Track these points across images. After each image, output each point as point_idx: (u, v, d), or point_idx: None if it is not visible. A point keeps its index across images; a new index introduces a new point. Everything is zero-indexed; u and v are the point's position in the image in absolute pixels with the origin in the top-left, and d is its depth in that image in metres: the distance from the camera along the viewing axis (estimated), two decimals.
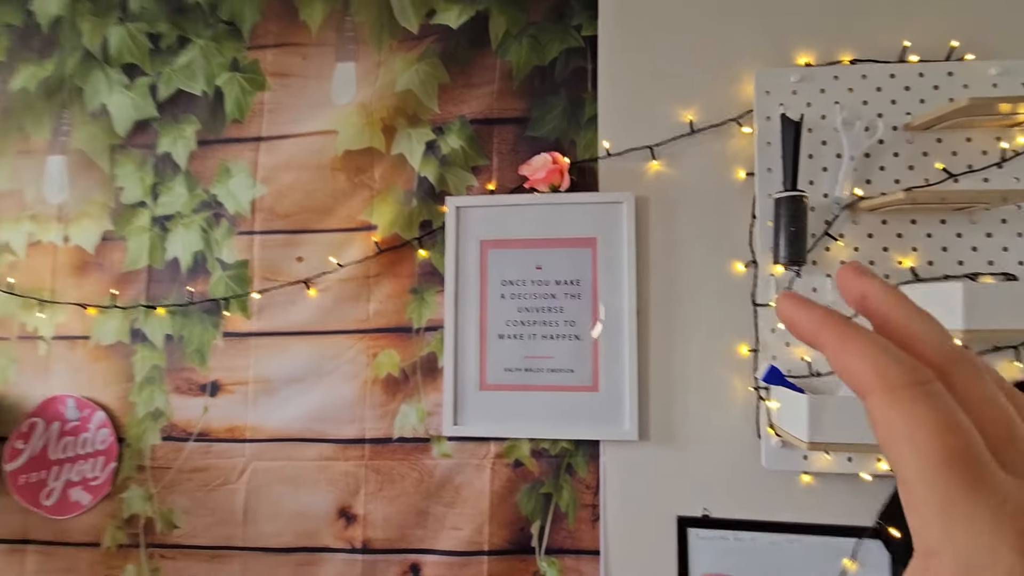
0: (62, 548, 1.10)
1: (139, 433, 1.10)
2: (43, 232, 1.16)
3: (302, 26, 1.13)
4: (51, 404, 1.13)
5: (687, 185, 1.02)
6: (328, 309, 1.07)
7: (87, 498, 1.10)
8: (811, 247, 0.94)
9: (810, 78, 0.97)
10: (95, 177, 1.16)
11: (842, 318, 0.17)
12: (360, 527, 1.03)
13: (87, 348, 1.13)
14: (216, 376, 1.09)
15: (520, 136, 1.06)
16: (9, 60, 1.21)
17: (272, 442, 1.07)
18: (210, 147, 1.13)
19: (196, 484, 1.08)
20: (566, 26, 1.07)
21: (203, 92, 1.14)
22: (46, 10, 1.20)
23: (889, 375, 0.16)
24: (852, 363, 0.16)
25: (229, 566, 1.05)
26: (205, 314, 1.11)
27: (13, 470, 1.12)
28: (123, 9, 1.17)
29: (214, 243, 1.11)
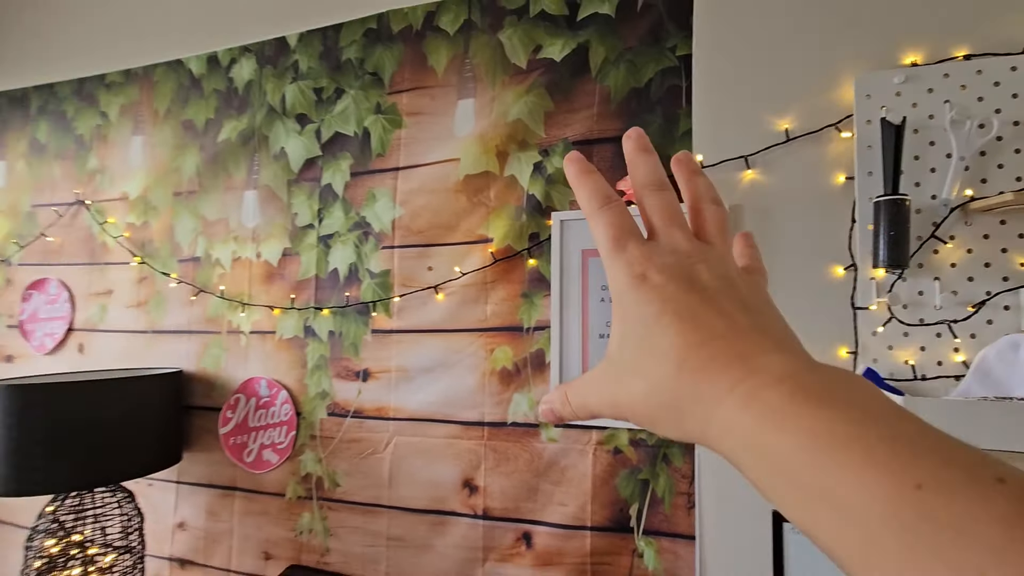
0: (258, 495, 1.42)
1: (311, 409, 1.38)
2: (242, 250, 1.50)
3: (430, 71, 1.34)
4: (250, 384, 1.45)
5: (782, 192, 1.05)
6: (453, 310, 1.27)
7: (275, 458, 1.40)
8: (916, 250, 0.93)
9: (916, 78, 0.96)
10: (277, 206, 1.47)
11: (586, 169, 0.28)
12: (481, 497, 1.21)
13: (274, 341, 1.44)
14: (367, 365, 1.34)
15: (618, 154, 1.16)
16: (217, 117, 1.57)
17: (410, 421, 1.28)
18: (360, 177, 1.38)
19: (353, 452, 1.33)
20: (661, 48, 1.15)
21: (354, 133, 1.40)
22: (241, 76, 1.54)
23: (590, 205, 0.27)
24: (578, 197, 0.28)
25: (378, 520, 1.29)
26: (358, 314, 1.36)
27: (224, 433, 1.46)
28: (295, 70, 1.47)
29: (364, 256, 1.36)
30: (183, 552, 1.48)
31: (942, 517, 0.15)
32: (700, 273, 0.25)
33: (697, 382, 0.22)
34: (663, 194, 0.28)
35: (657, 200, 0.27)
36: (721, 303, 0.24)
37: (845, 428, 0.18)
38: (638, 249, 0.25)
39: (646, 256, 0.25)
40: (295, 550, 1.36)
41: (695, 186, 0.30)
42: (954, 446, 0.17)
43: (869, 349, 0.96)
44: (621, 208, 0.27)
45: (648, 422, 0.24)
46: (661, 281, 0.24)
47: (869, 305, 0.96)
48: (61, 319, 1.69)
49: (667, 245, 0.26)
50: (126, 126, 1.67)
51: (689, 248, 0.26)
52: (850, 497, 0.17)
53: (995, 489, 0.15)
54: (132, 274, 1.62)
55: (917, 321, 0.93)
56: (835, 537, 0.17)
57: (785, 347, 0.22)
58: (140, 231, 1.62)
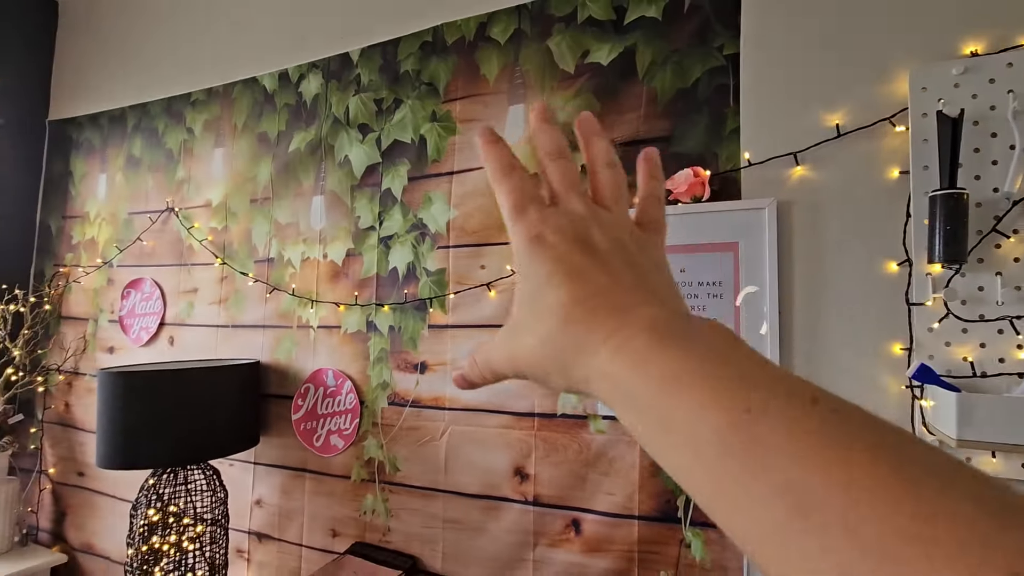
0: (326, 477, 1.54)
1: (373, 398, 1.48)
2: (311, 251, 1.62)
3: (482, 79, 1.40)
4: (318, 374, 1.57)
5: (833, 187, 1.05)
6: (505, 307, 1.33)
7: (341, 443, 1.52)
8: (976, 244, 0.91)
9: (976, 69, 0.94)
10: (342, 210, 1.58)
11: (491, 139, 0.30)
12: (531, 484, 1.26)
13: (339, 335, 1.55)
14: (424, 358, 1.42)
15: (665, 154, 1.19)
16: (288, 129, 1.70)
17: (464, 411, 1.36)
18: (417, 182, 1.47)
19: (411, 439, 1.42)
20: (708, 48, 1.17)
21: (412, 140, 1.48)
22: (309, 91, 1.67)
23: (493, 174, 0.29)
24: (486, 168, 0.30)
25: (435, 503, 1.37)
26: (416, 311, 1.44)
27: (296, 419, 1.59)
28: (358, 84, 1.58)
29: (421, 256, 1.45)
30: (260, 527, 1.62)
31: (761, 435, 0.17)
32: (593, 235, 0.26)
33: (578, 334, 0.23)
34: (561, 162, 0.29)
35: (556, 167, 0.29)
36: (610, 263, 0.25)
37: (698, 366, 0.19)
38: (536, 213, 0.27)
39: (543, 219, 0.27)
40: (359, 528, 1.47)
41: (593, 150, 0.31)
42: (789, 378, 0.19)
43: (924, 345, 0.94)
44: (523, 175, 0.29)
45: (541, 374, 0.26)
46: (555, 241, 0.26)
47: (924, 301, 0.95)
48: (155, 315, 1.88)
49: (564, 209, 0.28)
50: (209, 140, 1.84)
51: (584, 212, 0.27)
52: (687, 424, 0.18)
53: (808, 409, 0.17)
54: (215, 274, 1.78)
55: (977, 317, 0.91)
56: (674, 463, 0.20)
57: (660, 300, 0.24)
58: (221, 235, 1.78)
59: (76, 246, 2.11)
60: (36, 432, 2.09)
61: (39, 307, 2.10)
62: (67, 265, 2.13)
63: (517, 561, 1.26)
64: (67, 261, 2.13)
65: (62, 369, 2.07)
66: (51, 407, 2.09)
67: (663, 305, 0.24)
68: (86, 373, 2.02)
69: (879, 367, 0.99)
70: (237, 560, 1.64)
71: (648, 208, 0.32)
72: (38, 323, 2.10)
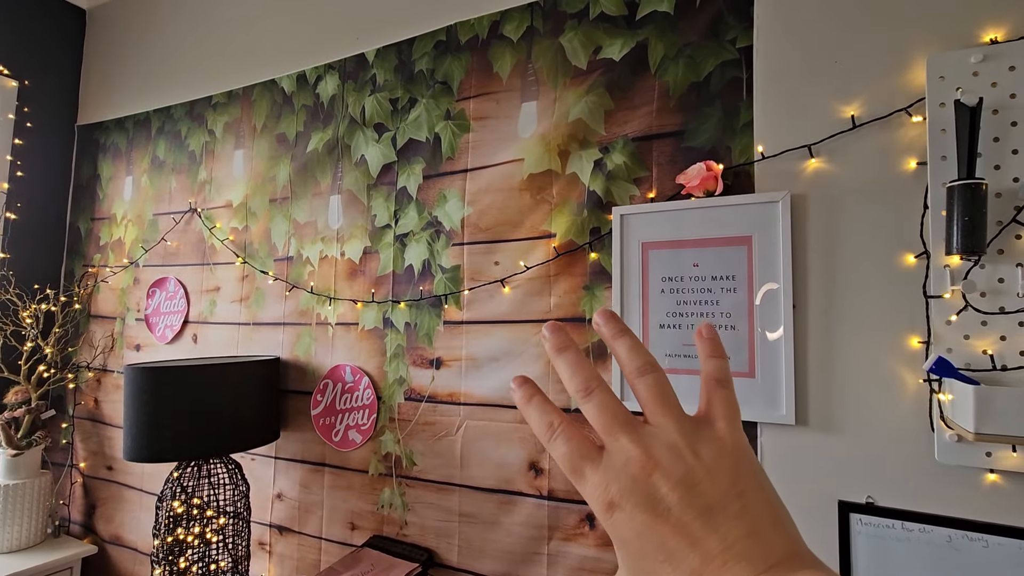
0: (345, 471, 1.56)
1: (390, 394, 1.51)
2: (328, 249, 1.65)
3: (495, 77, 1.42)
4: (336, 370, 1.60)
5: (848, 179, 1.04)
6: (519, 303, 1.34)
7: (359, 438, 1.54)
8: (996, 235, 0.90)
9: (996, 56, 0.92)
10: (358, 208, 1.61)
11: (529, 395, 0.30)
12: (546, 479, 1.27)
13: (357, 331, 1.58)
14: (439, 354, 1.44)
15: (677, 148, 1.19)
16: (305, 130, 1.73)
17: (479, 406, 1.37)
18: (432, 180, 1.49)
19: (427, 434, 1.44)
20: (721, 41, 1.17)
21: (426, 138, 1.50)
22: (326, 91, 1.70)
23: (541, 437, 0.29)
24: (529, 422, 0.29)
25: (451, 497, 1.39)
26: (431, 307, 1.46)
27: (315, 414, 1.62)
28: (373, 83, 1.60)
29: (436, 253, 1.47)
30: (281, 519, 1.66)
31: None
32: (658, 488, 0.25)
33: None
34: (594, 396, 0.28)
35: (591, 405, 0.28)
36: (688, 525, 0.24)
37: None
38: (596, 475, 0.26)
39: (604, 483, 0.26)
40: (377, 522, 1.49)
41: (621, 356, 0.30)
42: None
43: (943, 338, 0.93)
44: (567, 432, 0.28)
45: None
46: (629, 510, 0.25)
47: (943, 293, 0.93)
48: (179, 313, 1.93)
49: (618, 459, 0.26)
50: (229, 141, 1.89)
51: (638, 453, 0.26)
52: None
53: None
54: (236, 273, 1.82)
55: (997, 309, 0.90)
56: None
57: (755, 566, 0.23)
58: (242, 234, 1.82)
59: (104, 247, 2.18)
60: (67, 427, 2.16)
61: (69, 306, 2.18)
62: (95, 265, 2.20)
63: (532, 555, 1.28)
64: (95, 261, 2.20)
65: (91, 366, 2.14)
66: (81, 403, 2.16)
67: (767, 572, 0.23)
68: (114, 370, 2.08)
69: (896, 361, 0.98)
70: (259, 552, 1.68)
71: (713, 396, 0.30)
72: (68, 322, 2.17)
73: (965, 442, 0.90)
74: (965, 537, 0.91)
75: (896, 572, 0.95)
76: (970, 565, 0.90)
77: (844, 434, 1.01)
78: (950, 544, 0.92)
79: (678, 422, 0.27)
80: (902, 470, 0.96)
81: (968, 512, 0.91)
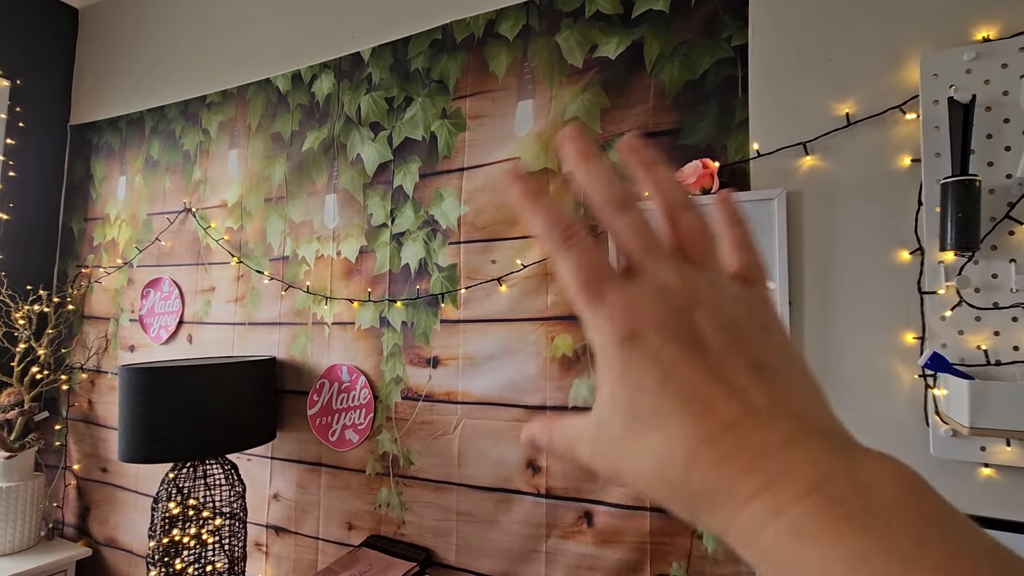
0: (342, 471, 1.56)
1: (387, 393, 1.50)
2: (324, 248, 1.65)
3: (491, 75, 1.42)
4: (333, 370, 1.60)
5: (844, 176, 1.04)
6: (516, 301, 1.34)
7: (356, 437, 1.54)
8: (989, 231, 0.90)
9: (988, 54, 0.93)
10: (354, 207, 1.60)
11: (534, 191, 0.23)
12: (544, 477, 1.27)
13: (353, 330, 1.58)
14: (436, 353, 1.44)
15: (673, 146, 1.19)
16: (301, 129, 1.73)
17: (477, 404, 1.37)
18: (428, 179, 1.49)
19: (425, 433, 1.44)
20: (716, 40, 1.17)
21: (423, 137, 1.50)
22: (322, 90, 1.69)
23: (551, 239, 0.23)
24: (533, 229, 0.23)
25: (448, 496, 1.39)
26: (428, 306, 1.46)
27: (312, 414, 1.62)
28: (369, 82, 1.60)
29: (433, 252, 1.46)
30: (277, 520, 1.65)
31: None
32: (700, 324, 0.21)
33: (711, 485, 0.19)
34: (631, 214, 0.23)
35: (625, 223, 0.23)
36: (730, 371, 0.20)
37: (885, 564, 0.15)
38: (620, 297, 0.21)
39: (632, 306, 0.21)
40: (375, 522, 1.49)
41: (660, 186, 0.25)
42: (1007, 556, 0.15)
43: (937, 334, 0.94)
44: (586, 239, 0.23)
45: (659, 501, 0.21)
46: (657, 342, 0.20)
47: (937, 289, 0.94)
48: (173, 313, 1.92)
49: (653, 285, 0.22)
50: (224, 141, 1.88)
51: (679, 283, 0.22)
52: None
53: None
54: (231, 272, 1.81)
55: (991, 305, 0.90)
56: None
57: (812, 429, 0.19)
58: (237, 234, 1.82)
59: (97, 247, 2.17)
60: (61, 429, 2.14)
61: (63, 307, 2.16)
62: (89, 266, 2.18)
63: (530, 553, 1.28)
64: (89, 262, 2.19)
65: (85, 367, 2.12)
66: (75, 405, 2.14)
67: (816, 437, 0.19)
68: (108, 371, 2.07)
69: (891, 357, 0.99)
70: (255, 553, 1.67)
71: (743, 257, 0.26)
72: (62, 323, 2.16)
73: (960, 437, 0.90)
74: None
75: None
76: None
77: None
78: None
79: (721, 270, 0.24)
80: None
81: (963, 506, 0.91)
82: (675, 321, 0.21)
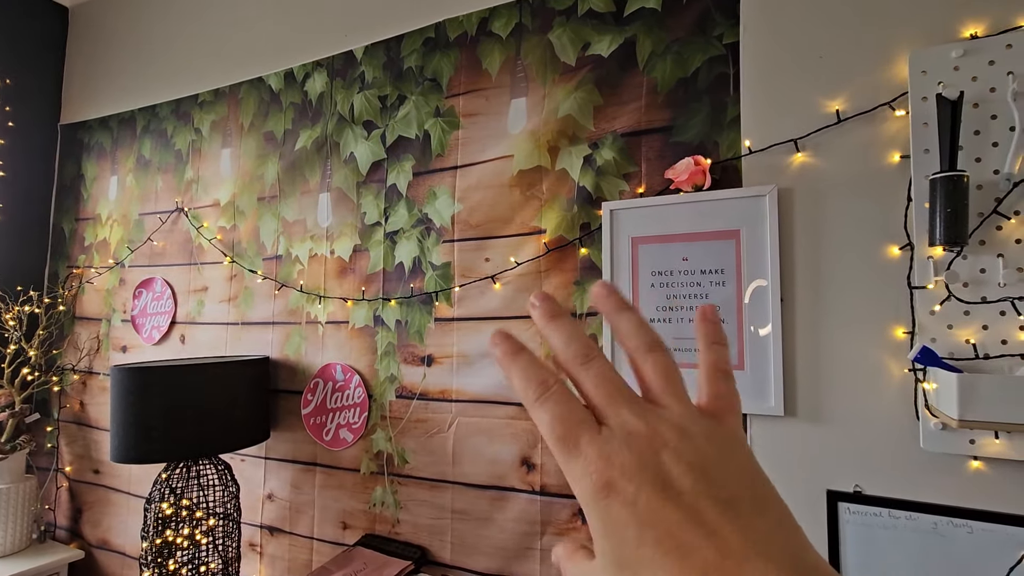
0: (336, 470, 1.56)
1: (381, 392, 1.50)
2: (318, 247, 1.64)
3: (484, 73, 1.42)
4: (327, 369, 1.59)
5: (834, 173, 1.05)
6: (510, 298, 1.34)
7: (350, 436, 1.53)
8: (977, 226, 0.91)
9: (976, 51, 0.94)
10: (348, 206, 1.60)
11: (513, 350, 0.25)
12: (538, 474, 1.28)
13: (347, 329, 1.57)
14: (430, 351, 1.44)
15: (666, 143, 1.20)
16: (293, 127, 1.72)
17: (471, 403, 1.37)
18: (422, 177, 1.49)
19: (419, 431, 1.44)
20: (708, 37, 1.18)
21: (416, 135, 1.50)
22: (315, 89, 1.69)
23: (526, 396, 0.24)
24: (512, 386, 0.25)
25: (443, 494, 1.39)
26: (422, 304, 1.46)
27: (306, 414, 1.61)
28: (362, 81, 1.60)
29: (426, 250, 1.46)
30: (271, 520, 1.64)
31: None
32: (668, 468, 0.22)
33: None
34: (593, 365, 0.25)
35: (588, 375, 0.24)
36: (702, 513, 0.21)
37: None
38: (592, 448, 0.22)
39: (604, 456, 0.22)
40: (369, 521, 1.48)
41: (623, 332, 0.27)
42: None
43: (927, 328, 0.95)
44: (562, 394, 0.24)
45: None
46: (632, 491, 0.21)
47: (926, 284, 0.95)
48: (166, 314, 1.91)
49: (620, 432, 0.23)
50: (216, 140, 1.87)
51: (643, 428, 0.23)
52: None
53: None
54: (224, 272, 1.81)
55: (979, 299, 0.91)
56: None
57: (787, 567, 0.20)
58: (230, 233, 1.81)
59: (89, 247, 2.15)
60: (52, 431, 2.13)
61: (53, 308, 2.14)
62: (80, 266, 2.17)
63: (525, 550, 1.28)
64: (80, 262, 2.17)
65: (77, 369, 2.11)
66: (66, 406, 2.13)
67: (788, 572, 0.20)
68: (100, 372, 2.05)
69: (882, 351, 0.99)
70: (249, 553, 1.66)
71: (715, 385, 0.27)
72: (53, 324, 2.14)
73: (949, 429, 0.91)
74: (950, 523, 0.92)
75: (883, 559, 0.96)
76: (955, 551, 0.91)
77: (832, 424, 1.02)
78: (936, 531, 0.93)
79: (687, 407, 0.25)
80: (889, 459, 0.98)
81: (953, 499, 0.93)
82: (643, 466, 0.22)
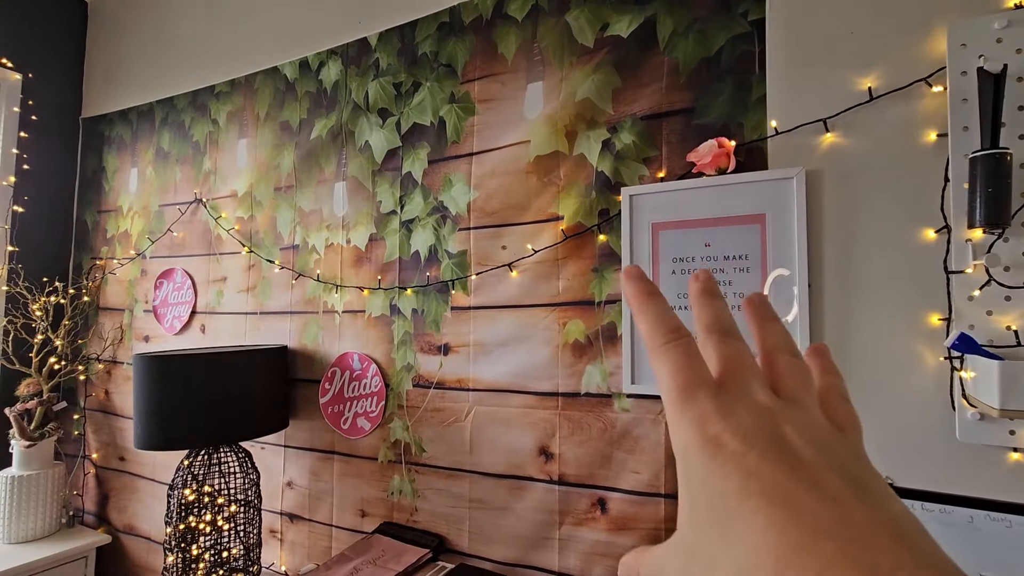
0: (354, 459, 1.56)
1: (398, 381, 1.50)
2: (334, 237, 1.64)
3: (500, 58, 1.39)
4: (344, 358, 1.60)
5: (866, 153, 1.01)
6: (527, 287, 1.32)
7: (368, 425, 1.54)
8: (1021, 207, 0.87)
9: (1020, 22, 0.88)
10: (363, 195, 1.59)
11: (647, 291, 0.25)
12: (556, 463, 1.26)
13: (364, 319, 1.57)
14: (447, 340, 1.43)
15: (688, 125, 1.16)
16: (309, 117, 1.71)
17: (488, 392, 1.36)
18: (437, 164, 1.47)
19: (436, 420, 1.43)
20: (732, 14, 1.13)
21: (431, 123, 1.48)
22: (329, 78, 1.68)
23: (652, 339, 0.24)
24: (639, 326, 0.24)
25: (461, 483, 1.38)
26: (438, 293, 1.45)
27: (324, 402, 1.62)
28: (376, 68, 1.58)
29: (442, 238, 1.45)
30: (291, 507, 1.66)
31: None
32: (790, 438, 0.20)
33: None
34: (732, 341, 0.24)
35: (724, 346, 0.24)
36: (824, 480, 0.18)
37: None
38: (710, 402, 0.21)
39: (721, 413, 0.20)
40: (387, 509, 1.49)
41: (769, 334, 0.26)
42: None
43: (964, 315, 0.90)
44: (689, 347, 0.23)
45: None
46: (742, 448, 0.19)
47: (964, 268, 0.91)
48: (186, 303, 1.93)
49: (743, 398, 0.21)
50: (233, 131, 1.87)
51: (770, 403, 0.21)
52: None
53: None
54: (242, 262, 1.82)
55: (1022, 284, 0.87)
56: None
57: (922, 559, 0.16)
58: (247, 224, 1.81)
59: (111, 239, 2.18)
60: (79, 419, 2.17)
61: (78, 299, 2.18)
62: (103, 258, 2.20)
63: (542, 540, 1.27)
64: (103, 254, 2.20)
65: (101, 358, 2.15)
66: (92, 395, 2.17)
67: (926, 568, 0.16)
68: (124, 362, 2.09)
69: (915, 339, 0.96)
70: (270, 539, 1.68)
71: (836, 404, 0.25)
72: (78, 314, 2.18)
73: (988, 420, 0.87)
74: (988, 517, 0.89)
75: None
76: (993, 545, 0.88)
77: (862, 414, 0.97)
78: (972, 524, 0.90)
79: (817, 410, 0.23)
80: (922, 450, 0.94)
81: (991, 492, 0.89)
82: (762, 430, 0.20)
